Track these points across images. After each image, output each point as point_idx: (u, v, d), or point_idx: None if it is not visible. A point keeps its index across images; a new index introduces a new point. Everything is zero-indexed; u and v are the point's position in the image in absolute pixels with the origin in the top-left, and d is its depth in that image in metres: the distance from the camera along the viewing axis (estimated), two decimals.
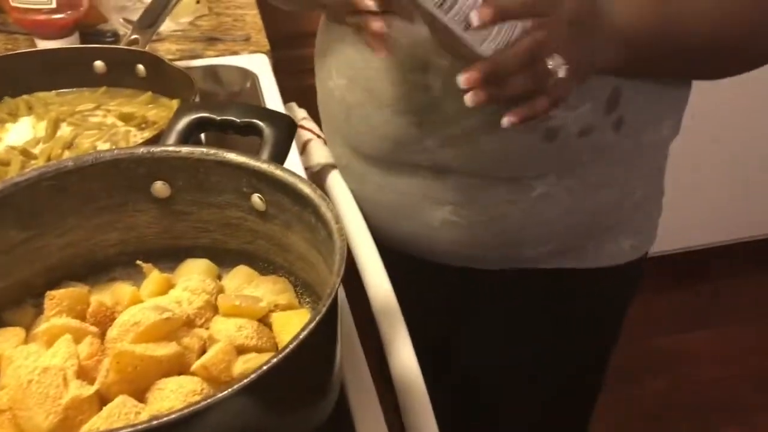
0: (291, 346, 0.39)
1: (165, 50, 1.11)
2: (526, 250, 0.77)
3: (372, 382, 0.56)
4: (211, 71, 1.07)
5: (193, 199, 0.57)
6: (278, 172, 0.52)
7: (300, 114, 1.02)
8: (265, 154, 0.55)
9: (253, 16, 1.23)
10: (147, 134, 0.80)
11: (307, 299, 0.56)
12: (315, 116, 1.01)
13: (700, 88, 0.76)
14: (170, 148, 0.55)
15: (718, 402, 1.69)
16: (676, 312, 1.88)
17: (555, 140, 0.66)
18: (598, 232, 0.78)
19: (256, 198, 0.55)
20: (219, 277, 0.58)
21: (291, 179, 0.51)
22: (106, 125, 0.83)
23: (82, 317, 0.51)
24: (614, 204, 0.76)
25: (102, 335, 0.49)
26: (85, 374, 0.45)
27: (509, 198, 0.71)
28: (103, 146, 0.79)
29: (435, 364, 0.70)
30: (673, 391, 1.70)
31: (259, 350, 0.50)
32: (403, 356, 0.63)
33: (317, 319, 0.40)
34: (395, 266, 0.71)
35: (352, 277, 0.71)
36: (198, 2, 1.21)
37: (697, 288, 1.92)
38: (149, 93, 0.87)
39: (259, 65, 1.06)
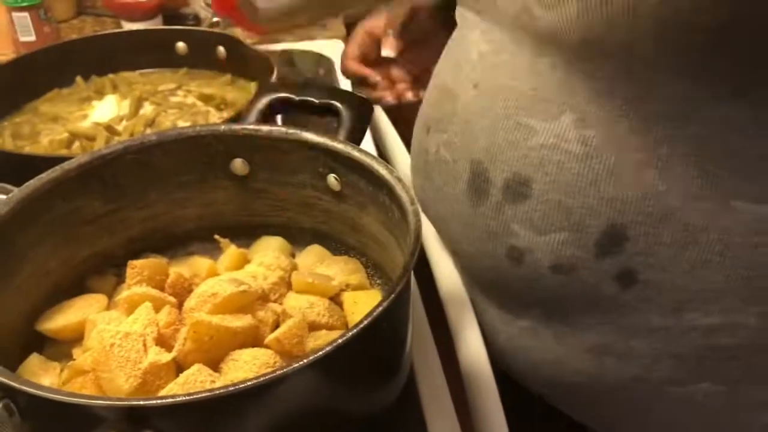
0: (364, 323, 0.39)
1: (242, 33, 1.13)
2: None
3: (440, 366, 0.56)
4: (286, 57, 1.08)
5: (271, 177, 0.58)
6: (355, 153, 0.52)
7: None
8: (342, 135, 0.56)
9: None
10: (225, 114, 0.82)
11: (378, 281, 0.57)
12: None
13: None
14: (250, 127, 0.56)
15: None
16: None
17: (521, 266, 0.53)
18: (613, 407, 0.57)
19: (331, 178, 0.55)
20: (292, 255, 0.59)
21: (367, 160, 0.51)
22: (186, 105, 0.85)
23: (161, 287, 0.52)
24: (631, 378, 0.54)
25: (180, 306, 0.51)
26: (163, 342, 0.47)
27: (496, 323, 0.61)
28: (183, 125, 0.81)
29: None
30: None
31: (330, 327, 0.51)
32: (472, 345, 0.62)
33: (391, 297, 0.40)
34: None
35: (421, 268, 0.71)
36: None
37: None
38: (228, 75, 0.90)
39: (336, 51, 1.06)
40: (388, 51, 0.84)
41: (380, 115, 0.94)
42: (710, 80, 0.44)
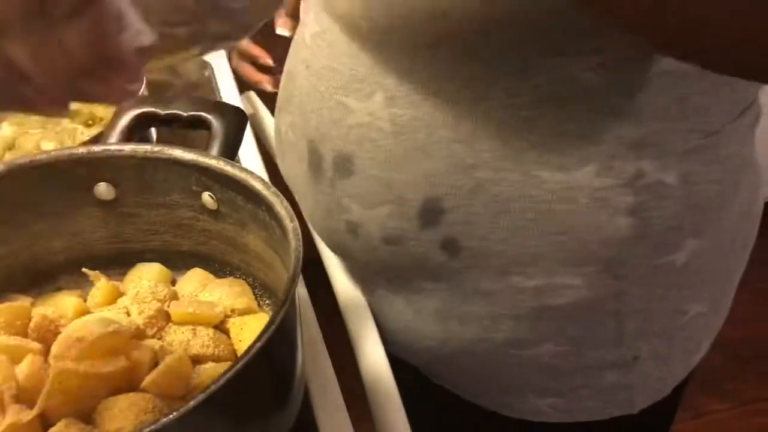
0: (243, 361, 0.36)
1: None
2: (407, 354, 0.64)
3: (337, 384, 0.54)
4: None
5: (140, 200, 0.53)
6: (228, 168, 0.49)
7: (258, 103, 0.99)
8: (215, 149, 0.52)
9: None
10: (95, 131, 0.76)
11: (267, 301, 0.53)
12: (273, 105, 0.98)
13: None
14: (112, 147, 0.52)
15: (696, 374, 1.70)
16: None
17: (357, 239, 0.55)
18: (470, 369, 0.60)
19: (206, 196, 0.51)
20: (173, 282, 0.55)
21: (242, 175, 0.48)
22: (50, 123, 0.78)
23: (24, 333, 0.47)
24: (473, 340, 0.56)
25: (47, 351, 0.46)
26: (26, 396, 0.42)
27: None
28: (47, 145, 0.74)
29: None
30: None
31: (216, 359, 0.47)
32: (372, 354, 0.60)
33: (271, 329, 0.37)
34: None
35: (316, 268, 0.69)
36: None
37: None
38: None
39: (214, 55, 1.02)
40: (282, 29, 0.81)
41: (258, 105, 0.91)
42: (495, 62, 0.46)
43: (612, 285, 0.52)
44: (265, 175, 0.78)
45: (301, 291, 0.63)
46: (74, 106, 0.82)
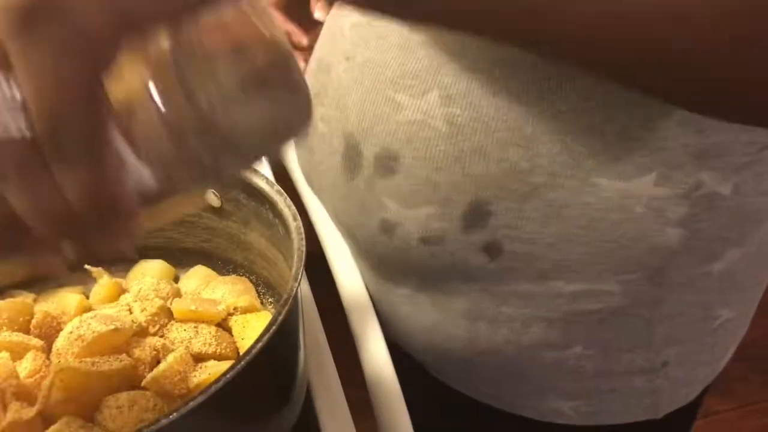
0: (243, 362, 0.36)
1: None
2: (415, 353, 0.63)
3: (340, 383, 0.53)
4: None
5: None
6: None
7: None
8: None
9: None
10: None
11: (270, 299, 0.53)
12: None
13: None
14: None
15: None
16: None
17: (393, 238, 0.54)
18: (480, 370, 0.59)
19: (210, 193, 0.51)
20: (176, 279, 0.55)
21: (245, 173, 0.48)
22: None
23: (26, 329, 0.47)
24: (502, 342, 0.55)
25: (50, 348, 0.46)
26: (28, 393, 0.42)
27: (379, 291, 0.61)
28: None
29: None
30: None
31: (218, 357, 0.47)
32: (375, 352, 0.60)
33: (272, 329, 0.37)
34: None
35: (321, 262, 0.69)
36: None
37: None
38: None
39: None
40: (320, 14, 0.80)
41: None
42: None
43: (650, 292, 0.51)
44: (269, 173, 0.78)
45: (304, 288, 0.62)
46: None
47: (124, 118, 0.27)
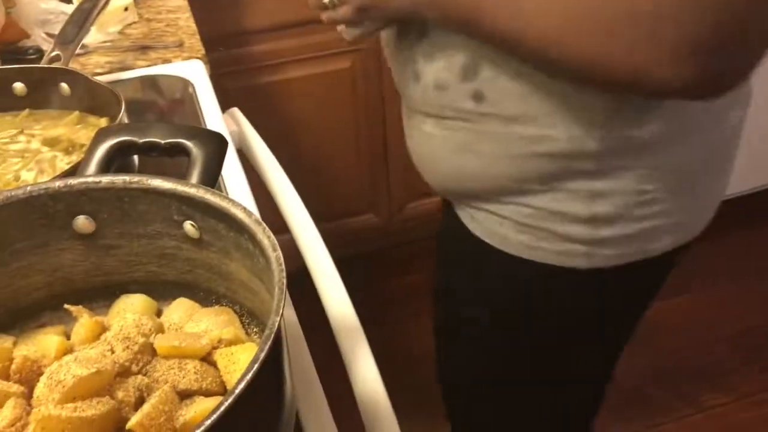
0: (225, 405, 0.35)
1: (94, 64, 1.05)
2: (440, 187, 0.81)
3: (328, 408, 0.53)
4: (150, 80, 1.02)
5: (121, 231, 0.52)
6: (208, 197, 0.48)
7: (241, 119, 0.97)
8: (194, 176, 0.51)
9: (186, 20, 1.17)
10: (75, 158, 0.74)
11: (255, 329, 0.52)
12: (259, 118, 0.97)
13: None
14: (89, 179, 0.50)
15: (698, 368, 1.70)
16: None
17: (419, 83, 0.73)
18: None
19: (188, 225, 0.50)
20: (158, 312, 0.54)
21: (223, 204, 0.47)
22: (30, 151, 0.77)
23: (6, 375, 0.46)
24: (478, 172, 0.74)
25: (31, 393, 0.45)
26: None
27: (411, 128, 0.80)
28: (27, 175, 0.73)
29: None
30: (654, 359, 1.70)
31: (205, 393, 0.46)
32: (366, 373, 0.59)
33: (255, 368, 0.36)
34: None
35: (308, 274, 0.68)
36: (126, 9, 1.15)
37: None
38: (76, 112, 0.82)
39: (195, 71, 1.01)
40: (347, 35, 0.84)
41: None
42: None
43: (590, 144, 0.66)
44: (250, 196, 0.77)
45: (289, 314, 0.62)
46: (55, 132, 0.81)
47: None
